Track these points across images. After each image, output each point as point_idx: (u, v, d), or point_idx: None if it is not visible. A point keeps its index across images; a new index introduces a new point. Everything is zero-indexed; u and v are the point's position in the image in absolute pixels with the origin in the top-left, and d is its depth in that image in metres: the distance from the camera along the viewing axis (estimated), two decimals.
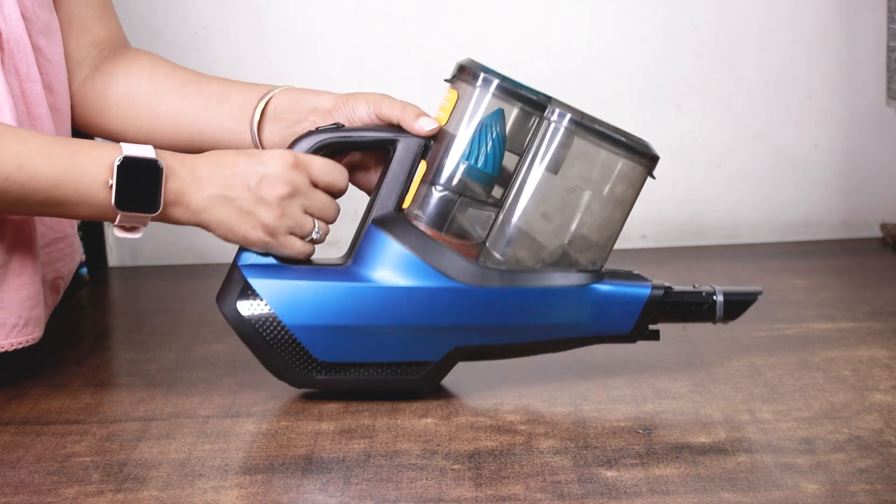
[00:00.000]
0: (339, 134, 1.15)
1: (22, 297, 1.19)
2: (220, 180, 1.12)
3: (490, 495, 0.98)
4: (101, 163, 1.10)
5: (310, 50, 1.68)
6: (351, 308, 1.12)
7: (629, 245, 1.72)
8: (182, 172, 1.12)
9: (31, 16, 1.19)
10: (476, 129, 1.13)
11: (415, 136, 1.14)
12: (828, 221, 1.73)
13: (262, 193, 1.12)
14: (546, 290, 1.13)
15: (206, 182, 1.12)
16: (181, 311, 1.48)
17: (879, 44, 1.68)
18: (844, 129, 1.72)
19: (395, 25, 1.68)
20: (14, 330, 1.19)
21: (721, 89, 1.70)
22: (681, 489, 0.98)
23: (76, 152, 1.10)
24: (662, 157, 1.15)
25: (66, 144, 1.11)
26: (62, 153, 1.10)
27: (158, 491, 1.00)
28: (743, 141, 1.71)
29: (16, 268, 1.18)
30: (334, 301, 1.13)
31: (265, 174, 1.12)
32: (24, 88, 1.18)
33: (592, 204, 1.13)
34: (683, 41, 1.69)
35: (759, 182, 1.72)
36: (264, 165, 1.13)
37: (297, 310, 1.13)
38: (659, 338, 1.16)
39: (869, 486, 0.97)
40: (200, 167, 1.13)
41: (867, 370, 1.21)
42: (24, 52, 1.18)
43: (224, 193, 1.12)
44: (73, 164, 1.10)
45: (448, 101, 1.14)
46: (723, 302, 1.15)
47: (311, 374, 1.14)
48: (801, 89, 1.71)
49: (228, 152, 1.15)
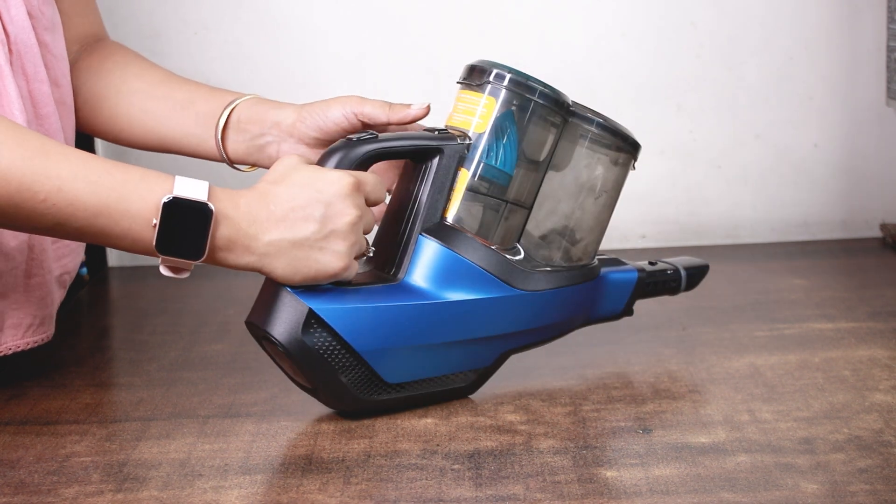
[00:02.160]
0: (384, 145, 1.09)
1: (38, 296, 1.20)
2: (282, 221, 1.04)
3: (490, 495, 0.98)
4: (148, 198, 1.02)
5: (310, 50, 1.68)
6: (424, 327, 1.10)
7: (629, 245, 1.72)
8: (235, 216, 1.04)
9: (37, 13, 1.19)
10: (491, 128, 1.12)
11: (456, 144, 1.11)
12: (828, 221, 1.73)
13: (332, 226, 1.05)
14: (578, 287, 1.16)
15: (266, 225, 1.04)
16: (181, 311, 1.48)
17: (879, 44, 1.68)
18: (844, 129, 1.72)
19: (395, 25, 1.68)
20: (30, 329, 1.20)
21: (721, 89, 1.70)
22: (681, 489, 0.98)
23: (124, 181, 1.03)
24: (662, 157, 1.15)
25: (114, 170, 1.03)
26: (108, 180, 1.02)
27: (158, 491, 1.00)
28: (743, 141, 1.71)
29: (32, 268, 1.19)
30: (407, 322, 1.09)
31: (329, 202, 1.05)
32: (31, 89, 1.19)
33: (600, 199, 1.16)
34: (683, 41, 1.69)
35: (759, 182, 1.72)
36: (324, 193, 1.05)
37: (371, 335, 1.08)
38: (633, 314, 1.23)
39: (869, 486, 0.97)
40: (257, 208, 1.04)
41: (867, 370, 1.21)
42: (32, 53, 1.18)
43: (289, 238, 1.04)
44: (118, 195, 1.02)
45: (487, 108, 1.12)
46: (685, 275, 1.25)
47: (373, 396, 1.11)
48: (801, 89, 1.71)
49: (281, 182, 1.05)
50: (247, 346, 1.33)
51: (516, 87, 1.11)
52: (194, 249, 1.03)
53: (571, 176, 1.14)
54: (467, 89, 1.13)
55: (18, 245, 1.17)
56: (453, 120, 1.14)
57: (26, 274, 1.19)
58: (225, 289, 1.55)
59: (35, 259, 1.19)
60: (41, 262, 1.19)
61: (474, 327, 1.12)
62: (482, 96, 1.12)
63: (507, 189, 1.12)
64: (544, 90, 1.11)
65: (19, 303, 1.19)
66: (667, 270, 1.24)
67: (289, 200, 1.05)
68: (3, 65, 1.15)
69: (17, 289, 1.18)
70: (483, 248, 1.12)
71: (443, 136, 1.12)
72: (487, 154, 1.11)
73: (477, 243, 1.12)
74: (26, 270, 1.19)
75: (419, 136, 1.11)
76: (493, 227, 1.13)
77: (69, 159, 1.02)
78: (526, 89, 1.11)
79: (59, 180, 1.01)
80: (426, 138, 1.11)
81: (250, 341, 1.35)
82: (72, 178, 1.02)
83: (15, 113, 1.14)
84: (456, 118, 1.14)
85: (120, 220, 1.02)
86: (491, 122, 1.11)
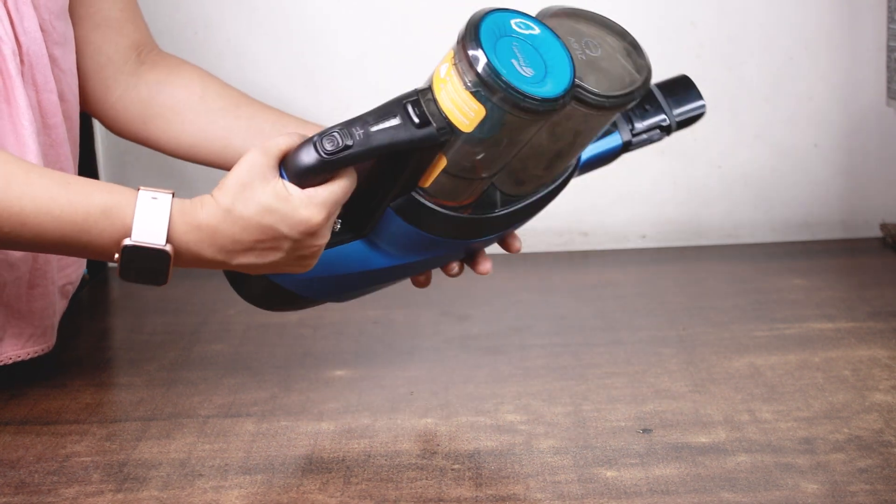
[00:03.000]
0: (360, 150, 1.04)
1: (40, 307, 1.20)
2: (250, 251, 1.05)
3: (490, 495, 0.98)
4: (108, 235, 1.04)
5: (312, 49, 1.68)
6: (371, 280, 1.15)
7: (629, 245, 1.72)
8: (199, 250, 1.04)
9: (49, 27, 1.19)
10: (475, 129, 1.06)
11: (437, 138, 1.04)
12: (828, 221, 1.73)
13: (302, 252, 1.05)
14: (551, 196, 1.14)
15: (232, 254, 1.05)
16: (181, 311, 1.48)
17: (879, 44, 1.68)
18: (844, 129, 1.72)
19: (397, 24, 1.68)
20: (31, 339, 1.20)
21: (721, 89, 1.70)
22: (681, 489, 0.98)
23: (85, 216, 1.03)
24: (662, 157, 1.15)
25: (77, 201, 1.03)
26: (70, 214, 1.03)
27: (158, 491, 1.00)
28: (743, 141, 1.71)
29: (35, 279, 1.19)
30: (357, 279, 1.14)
31: (298, 240, 1.04)
32: (40, 99, 1.19)
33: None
34: (683, 41, 1.69)
35: (759, 182, 1.72)
36: (292, 235, 1.03)
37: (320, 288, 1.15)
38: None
39: (869, 486, 0.97)
40: (222, 237, 1.04)
41: (867, 370, 1.21)
42: (42, 64, 1.18)
43: (256, 262, 1.05)
44: (80, 230, 1.04)
45: (475, 115, 1.03)
46: (676, 124, 1.18)
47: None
48: (801, 89, 1.71)
49: (248, 213, 1.03)
50: (247, 345, 1.33)
51: (507, 106, 1.02)
52: (156, 281, 1.05)
53: (545, 134, 1.06)
54: (459, 78, 1.04)
55: (23, 255, 1.17)
56: (441, 98, 1.05)
57: (29, 284, 1.19)
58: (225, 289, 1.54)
59: (39, 269, 1.19)
60: (44, 273, 1.19)
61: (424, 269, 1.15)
62: (474, 101, 1.03)
63: (484, 170, 1.07)
64: (536, 106, 1.01)
65: (21, 313, 1.19)
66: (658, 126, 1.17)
67: (255, 231, 1.03)
68: (14, 75, 1.15)
69: (19, 299, 1.19)
70: (451, 219, 1.09)
71: (423, 128, 1.04)
72: (469, 149, 1.05)
73: (446, 216, 1.08)
74: (29, 281, 1.19)
75: (399, 137, 1.04)
76: (465, 193, 1.08)
77: (33, 190, 1.03)
78: (518, 110, 1.01)
79: (21, 216, 1.03)
80: (407, 139, 1.04)
81: (250, 341, 1.35)
82: (35, 213, 1.03)
83: (24, 123, 1.15)
84: (444, 99, 1.05)
85: (84, 250, 1.05)
86: (476, 126, 1.04)
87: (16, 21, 1.16)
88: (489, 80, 1.00)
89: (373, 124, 1.04)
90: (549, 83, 1.01)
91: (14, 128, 1.15)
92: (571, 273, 1.60)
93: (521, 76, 1.00)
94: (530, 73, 1.01)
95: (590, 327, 1.36)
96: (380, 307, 1.42)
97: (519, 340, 1.33)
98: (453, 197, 1.08)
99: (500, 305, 1.46)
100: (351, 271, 1.12)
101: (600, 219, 1.71)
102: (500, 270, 1.63)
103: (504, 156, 1.05)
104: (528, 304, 1.46)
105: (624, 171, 1.70)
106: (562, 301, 1.47)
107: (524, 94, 1.00)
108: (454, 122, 1.03)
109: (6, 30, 1.15)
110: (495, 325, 1.38)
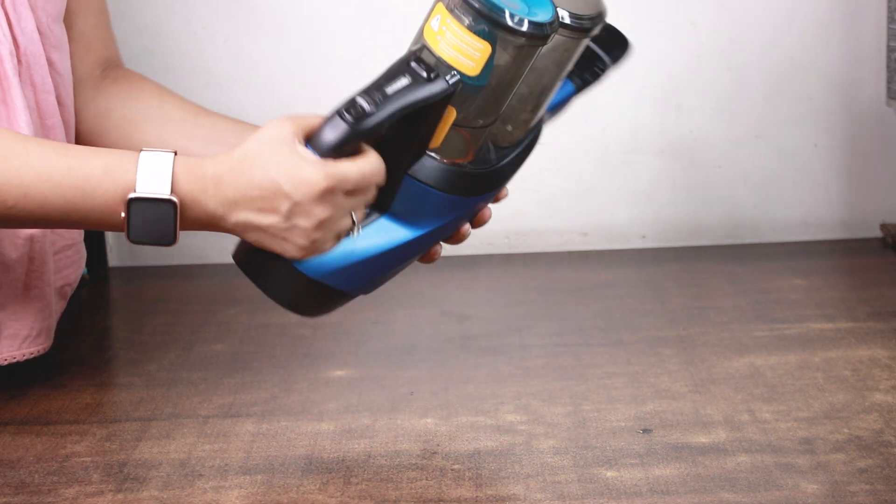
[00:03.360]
0: (377, 119, 1.06)
1: (36, 308, 1.20)
2: (249, 205, 1.04)
3: (490, 495, 0.98)
4: (112, 193, 1.04)
5: (310, 49, 1.68)
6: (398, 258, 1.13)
7: (629, 245, 1.72)
8: (203, 199, 1.04)
9: (46, 30, 1.20)
10: (483, 72, 1.06)
11: (449, 89, 1.06)
12: (828, 221, 1.73)
13: (295, 221, 1.04)
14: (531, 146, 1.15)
15: (233, 207, 1.04)
16: (181, 311, 1.48)
17: (879, 44, 1.68)
18: (844, 129, 1.72)
19: (396, 24, 1.68)
20: (27, 341, 1.20)
21: (721, 89, 1.70)
22: (681, 489, 0.98)
23: (86, 177, 1.04)
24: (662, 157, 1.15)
25: (77, 165, 1.04)
26: (71, 179, 1.04)
27: (158, 491, 1.00)
28: (743, 141, 1.71)
29: (31, 280, 1.19)
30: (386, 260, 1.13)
31: (297, 202, 1.03)
32: (38, 99, 1.19)
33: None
34: (683, 41, 1.69)
35: (759, 182, 1.72)
36: (295, 193, 1.03)
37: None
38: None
39: (869, 486, 0.97)
40: (226, 187, 1.04)
41: (867, 370, 1.21)
42: (40, 64, 1.18)
43: (253, 221, 1.04)
44: (83, 193, 1.04)
45: (482, 55, 1.06)
46: (611, 59, 1.19)
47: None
48: (801, 89, 1.71)
49: (257, 158, 1.04)
50: (247, 345, 1.33)
51: (511, 35, 1.05)
52: (165, 238, 1.04)
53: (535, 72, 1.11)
54: (457, 24, 1.07)
55: (19, 257, 1.17)
56: (441, 49, 1.07)
57: (25, 286, 1.19)
58: (225, 289, 1.55)
59: (35, 271, 1.19)
60: (41, 275, 1.19)
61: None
62: (478, 40, 1.06)
63: (489, 114, 1.09)
64: (536, 31, 1.05)
65: (18, 314, 1.19)
66: (596, 66, 1.18)
67: (258, 185, 1.03)
68: (11, 76, 1.15)
69: (16, 300, 1.19)
70: (464, 175, 1.10)
71: (434, 81, 1.06)
72: (475, 95, 1.07)
73: (460, 172, 1.10)
74: (26, 282, 1.19)
75: (417, 95, 1.06)
76: (470, 147, 1.10)
77: (31, 160, 1.04)
78: (522, 37, 1.04)
79: (23, 187, 1.03)
80: (424, 96, 1.06)
81: (250, 341, 1.35)
82: (36, 181, 1.03)
83: (21, 125, 1.15)
84: (445, 49, 1.07)
85: (90, 214, 1.04)
86: (483, 67, 1.06)
87: (13, 22, 1.16)
88: (491, 13, 1.05)
89: (387, 86, 1.07)
90: (539, 12, 1.06)
91: (11, 129, 1.15)
92: (571, 273, 1.60)
93: (514, 8, 1.06)
94: (517, 6, 1.06)
95: (590, 327, 1.36)
96: (380, 307, 1.42)
97: (519, 340, 1.33)
98: (461, 153, 1.10)
99: (500, 305, 1.46)
100: (382, 250, 1.11)
101: (600, 219, 1.71)
102: (500, 270, 1.63)
103: (505, 95, 1.09)
104: (528, 304, 1.46)
105: (624, 171, 1.70)
106: (562, 301, 1.47)
107: (526, 20, 1.05)
108: (461, 68, 1.06)
109: (4, 32, 1.15)
110: (495, 325, 1.38)
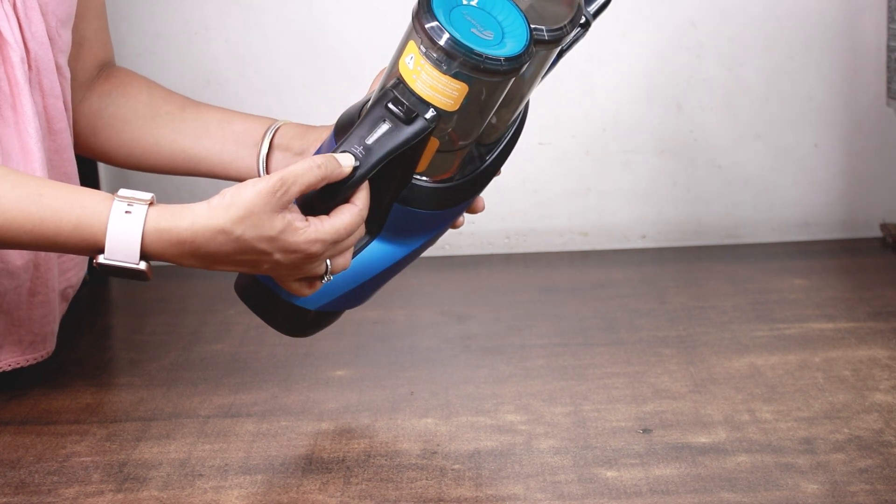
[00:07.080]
0: (365, 171, 1.05)
1: (40, 314, 1.20)
2: (228, 260, 1.02)
3: (490, 495, 0.98)
4: (82, 250, 1.03)
5: (310, 50, 1.68)
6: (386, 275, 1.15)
7: (629, 245, 1.72)
8: (178, 258, 1.02)
9: (55, 35, 1.20)
10: (461, 107, 1.07)
11: (430, 127, 1.06)
12: (828, 221, 1.73)
13: (279, 272, 1.04)
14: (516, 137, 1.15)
15: (213, 262, 1.02)
16: (181, 311, 1.48)
17: (879, 44, 1.68)
18: (844, 129, 1.72)
19: (395, 25, 1.68)
20: (31, 346, 1.21)
21: (721, 89, 1.70)
22: (681, 489, 0.98)
23: (56, 232, 1.02)
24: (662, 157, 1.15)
25: (48, 217, 1.02)
26: (42, 231, 1.02)
27: (158, 491, 1.00)
28: (743, 141, 1.71)
29: (36, 286, 1.19)
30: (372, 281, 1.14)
31: (277, 262, 1.02)
32: (46, 104, 1.19)
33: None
34: (683, 41, 1.69)
35: (759, 182, 1.72)
36: (274, 255, 1.01)
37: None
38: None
39: (869, 486, 0.97)
40: (204, 251, 1.01)
41: (867, 370, 1.21)
42: (49, 69, 1.19)
43: (235, 268, 1.04)
44: (54, 245, 1.03)
45: (459, 94, 1.05)
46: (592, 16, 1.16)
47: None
48: (801, 89, 1.71)
49: (246, 222, 1.00)
50: (247, 345, 1.33)
51: (488, 75, 1.04)
52: (138, 280, 1.03)
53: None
54: (432, 66, 1.06)
55: (24, 264, 1.17)
56: (419, 88, 1.06)
57: (30, 292, 1.19)
58: (225, 289, 1.54)
59: (40, 278, 1.19)
60: (46, 281, 1.19)
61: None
62: (455, 81, 1.05)
63: (471, 135, 1.10)
64: (513, 65, 1.04)
65: (21, 321, 1.19)
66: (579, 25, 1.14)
67: (240, 250, 1.01)
68: (21, 82, 1.15)
69: (20, 307, 1.19)
70: (452, 190, 1.11)
71: (413, 122, 1.06)
72: (456, 124, 1.08)
73: (448, 188, 1.11)
74: (30, 289, 1.19)
75: (397, 140, 1.05)
76: (456, 161, 1.11)
77: (4, 205, 1.02)
78: (499, 74, 1.04)
79: None
80: (404, 140, 1.05)
81: (250, 341, 1.35)
82: (8, 226, 1.02)
83: (30, 131, 1.15)
84: (422, 88, 1.06)
85: (65, 254, 1.06)
86: (462, 103, 1.06)
87: (24, 27, 1.16)
88: (466, 57, 1.03)
89: (368, 137, 1.06)
90: (510, 40, 1.05)
91: (19, 135, 1.15)
92: (571, 273, 1.60)
93: (487, 42, 1.04)
94: (490, 35, 1.04)
95: (590, 327, 1.36)
96: (380, 307, 1.42)
97: (519, 340, 1.33)
98: (446, 168, 1.11)
99: (500, 305, 1.46)
100: (375, 273, 1.12)
101: (600, 219, 1.71)
102: (500, 270, 1.63)
103: (486, 115, 1.08)
104: (528, 304, 1.46)
105: (624, 171, 1.70)
106: (562, 301, 1.47)
107: (501, 59, 1.03)
108: (440, 105, 1.06)
109: (16, 37, 1.15)
110: (495, 325, 1.38)
